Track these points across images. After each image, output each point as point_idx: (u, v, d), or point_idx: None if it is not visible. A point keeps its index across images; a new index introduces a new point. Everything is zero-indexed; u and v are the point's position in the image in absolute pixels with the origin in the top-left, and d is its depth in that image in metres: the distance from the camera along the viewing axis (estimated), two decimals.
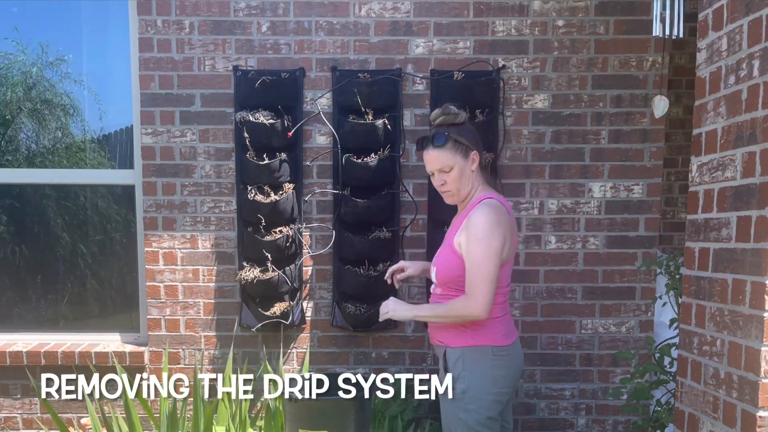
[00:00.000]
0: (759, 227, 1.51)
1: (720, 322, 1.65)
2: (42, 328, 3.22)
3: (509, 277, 1.98)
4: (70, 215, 3.24)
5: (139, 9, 2.84)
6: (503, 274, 1.92)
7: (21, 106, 3.26)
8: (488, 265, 1.81)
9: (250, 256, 2.88)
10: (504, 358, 1.92)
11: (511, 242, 1.91)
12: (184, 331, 2.98)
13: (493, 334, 1.92)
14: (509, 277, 1.98)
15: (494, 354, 1.90)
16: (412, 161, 2.89)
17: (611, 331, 2.96)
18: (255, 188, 2.82)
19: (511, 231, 1.91)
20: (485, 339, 1.91)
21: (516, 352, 1.98)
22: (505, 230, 1.86)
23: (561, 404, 3.01)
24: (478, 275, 1.81)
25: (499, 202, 1.93)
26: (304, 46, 2.85)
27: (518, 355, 2.00)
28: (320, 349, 2.99)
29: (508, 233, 1.87)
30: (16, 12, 3.19)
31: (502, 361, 1.91)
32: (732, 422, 1.59)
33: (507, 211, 1.94)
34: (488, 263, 1.81)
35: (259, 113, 2.79)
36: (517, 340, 2.01)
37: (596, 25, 2.83)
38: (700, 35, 1.79)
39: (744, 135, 1.56)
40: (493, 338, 1.91)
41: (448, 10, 2.82)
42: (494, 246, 1.82)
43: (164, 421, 2.52)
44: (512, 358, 1.95)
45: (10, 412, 3.06)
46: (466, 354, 1.92)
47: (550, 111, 2.87)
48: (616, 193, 2.90)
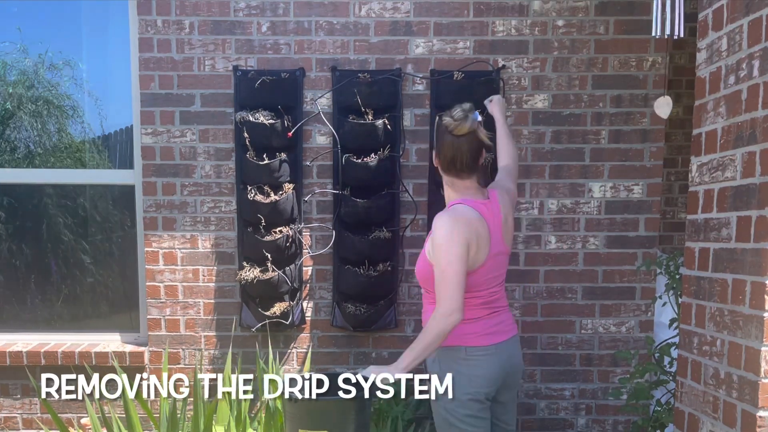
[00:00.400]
0: (759, 227, 1.51)
1: (720, 322, 1.65)
2: (42, 328, 3.22)
3: (492, 281, 1.96)
4: (70, 215, 3.24)
5: (139, 9, 2.84)
6: (478, 278, 1.92)
7: (21, 106, 3.26)
8: (452, 272, 1.82)
9: (250, 256, 2.88)
10: (481, 358, 1.92)
11: (483, 247, 1.89)
12: (184, 331, 2.98)
13: (467, 335, 1.93)
14: (492, 281, 1.96)
15: (468, 354, 1.92)
16: (412, 161, 2.89)
17: (611, 331, 2.96)
18: (255, 188, 2.82)
19: (481, 235, 1.89)
20: (458, 340, 1.92)
21: (502, 352, 1.96)
22: (468, 235, 1.85)
23: (561, 404, 3.01)
24: (443, 282, 1.83)
25: (468, 208, 1.91)
26: (304, 46, 2.85)
27: (505, 356, 1.97)
28: (320, 349, 2.99)
29: (474, 237, 1.86)
30: (16, 12, 3.19)
31: (477, 361, 1.92)
32: (732, 422, 1.59)
33: (481, 218, 1.91)
34: (451, 269, 1.82)
35: (259, 113, 2.79)
36: (509, 341, 2.00)
37: (596, 25, 2.83)
38: (700, 35, 1.79)
39: (744, 135, 1.56)
40: (465, 339, 1.93)
41: (448, 10, 2.82)
42: (455, 251, 1.83)
43: (164, 421, 2.52)
44: (493, 358, 1.93)
45: (10, 412, 3.06)
46: (441, 354, 1.95)
47: (550, 111, 2.87)
48: (616, 193, 2.90)
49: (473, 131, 1.91)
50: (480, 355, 1.93)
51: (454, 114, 1.91)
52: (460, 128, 1.90)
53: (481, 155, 1.99)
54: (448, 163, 1.95)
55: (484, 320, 1.97)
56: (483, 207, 1.94)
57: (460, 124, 1.89)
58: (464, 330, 1.92)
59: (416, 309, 2.93)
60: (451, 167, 1.96)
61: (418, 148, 2.89)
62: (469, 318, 1.93)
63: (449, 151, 1.93)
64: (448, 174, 1.99)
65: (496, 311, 2.00)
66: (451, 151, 1.93)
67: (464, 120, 1.89)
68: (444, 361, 1.95)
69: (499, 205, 1.99)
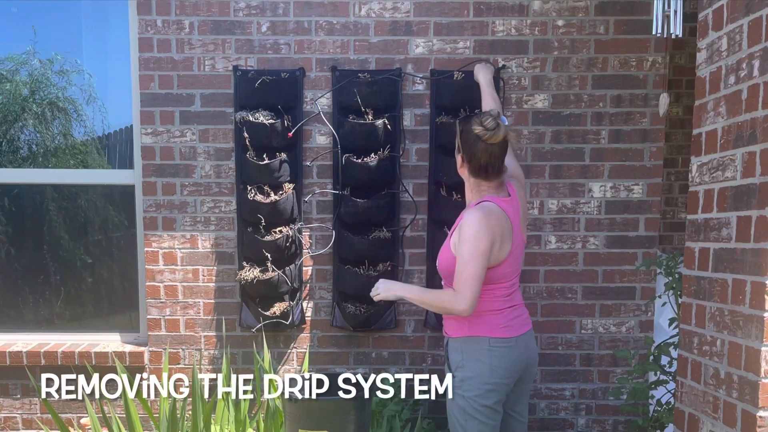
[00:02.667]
0: (759, 227, 1.51)
1: (720, 322, 1.65)
2: (42, 328, 3.22)
3: (512, 274, 2.04)
4: (70, 215, 3.24)
5: (139, 9, 2.84)
6: (502, 271, 1.99)
7: (20, 106, 3.26)
8: (474, 266, 1.89)
9: (249, 256, 2.88)
10: (503, 350, 1.99)
11: (507, 242, 1.97)
12: (183, 331, 2.98)
13: (491, 326, 2.00)
14: (512, 274, 2.04)
15: (491, 345, 1.99)
16: (412, 161, 2.89)
17: (611, 331, 2.96)
18: (255, 188, 2.82)
19: (505, 232, 1.96)
20: (483, 330, 1.99)
21: (521, 345, 2.03)
22: (494, 233, 1.92)
23: (561, 404, 3.01)
24: (464, 274, 1.90)
25: (494, 206, 1.98)
26: (304, 46, 2.85)
27: (523, 348, 2.04)
28: (320, 349, 2.99)
29: (498, 235, 1.93)
30: (15, 12, 3.19)
31: (500, 352, 1.98)
32: (732, 422, 1.59)
33: (505, 215, 1.98)
34: (474, 264, 1.89)
35: (259, 113, 2.79)
36: (527, 334, 2.08)
37: (596, 25, 2.83)
38: (700, 35, 1.79)
39: (744, 135, 1.56)
40: (490, 330, 2.00)
41: (448, 10, 2.82)
42: (481, 248, 1.90)
43: (164, 421, 2.52)
44: (513, 350, 2.01)
45: (10, 412, 3.06)
46: (465, 344, 2.01)
47: (550, 111, 2.87)
48: (616, 193, 2.90)
49: (505, 137, 1.97)
50: (502, 346, 1.99)
51: (486, 123, 1.95)
52: (495, 137, 1.94)
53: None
54: (479, 169, 2.01)
55: (506, 312, 2.03)
56: (506, 204, 2.02)
57: (494, 133, 1.94)
58: (489, 321, 2.00)
59: (416, 309, 2.93)
60: (481, 172, 2.01)
61: (418, 148, 2.89)
62: (493, 309, 2.01)
63: (483, 157, 1.98)
64: (477, 177, 2.04)
65: (515, 304, 2.07)
66: (485, 157, 1.97)
67: (498, 129, 1.94)
68: (468, 351, 2.01)
69: (518, 198, 2.08)
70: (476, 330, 1.99)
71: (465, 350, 2.01)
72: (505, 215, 1.98)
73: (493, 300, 2.00)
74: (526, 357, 2.06)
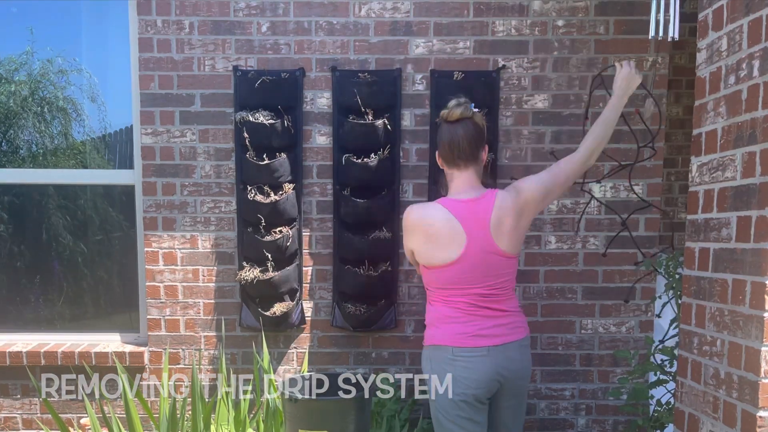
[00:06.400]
0: (759, 227, 1.50)
1: (720, 322, 1.65)
2: (42, 328, 3.22)
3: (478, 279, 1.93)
4: (70, 215, 3.24)
5: (139, 9, 2.84)
6: (453, 274, 1.92)
7: (20, 106, 3.26)
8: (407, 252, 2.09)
9: (249, 257, 2.88)
10: (467, 360, 1.90)
11: (447, 244, 1.91)
12: (183, 331, 2.98)
13: (454, 336, 1.93)
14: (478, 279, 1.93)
15: (454, 354, 1.91)
16: (412, 161, 2.89)
17: (611, 331, 2.96)
18: (255, 188, 2.82)
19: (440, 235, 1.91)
20: (445, 339, 1.95)
21: (496, 355, 1.91)
22: (411, 236, 2.00)
23: (561, 404, 3.01)
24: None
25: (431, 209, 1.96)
26: (304, 46, 2.85)
27: (500, 359, 1.92)
28: (320, 349, 2.99)
29: (422, 239, 1.96)
30: (15, 12, 3.19)
31: (463, 362, 1.90)
32: (732, 422, 1.59)
33: (448, 216, 1.91)
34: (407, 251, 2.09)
35: (259, 113, 2.79)
36: (507, 345, 1.94)
37: (596, 25, 2.83)
38: (700, 35, 1.78)
39: (744, 135, 1.56)
40: (453, 339, 1.93)
41: (448, 10, 2.82)
42: (406, 244, 2.07)
43: (164, 421, 2.52)
44: (481, 361, 1.90)
45: (10, 412, 3.05)
46: (432, 352, 1.99)
47: (550, 111, 2.86)
48: (616, 193, 2.90)
49: (468, 117, 1.95)
50: (467, 357, 1.90)
51: (448, 105, 1.99)
52: (452, 113, 1.96)
53: (481, 144, 1.99)
54: (447, 152, 1.98)
55: (478, 322, 1.92)
56: (461, 206, 1.93)
57: (451, 110, 1.96)
58: (452, 330, 1.93)
59: (416, 309, 2.93)
60: (449, 156, 1.98)
61: (418, 148, 2.89)
62: (456, 317, 1.94)
63: (446, 136, 1.97)
64: (449, 165, 2.00)
65: (494, 314, 1.95)
66: (447, 136, 1.97)
67: (456, 106, 1.96)
68: (434, 361, 1.97)
69: (493, 205, 1.93)
70: (440, 339, 1.95)
71: (432, 358, 1.97)
72: (449, 218, 1.91)
73: (453, 308, 1.93)
74: (507, 369, 1.92)
